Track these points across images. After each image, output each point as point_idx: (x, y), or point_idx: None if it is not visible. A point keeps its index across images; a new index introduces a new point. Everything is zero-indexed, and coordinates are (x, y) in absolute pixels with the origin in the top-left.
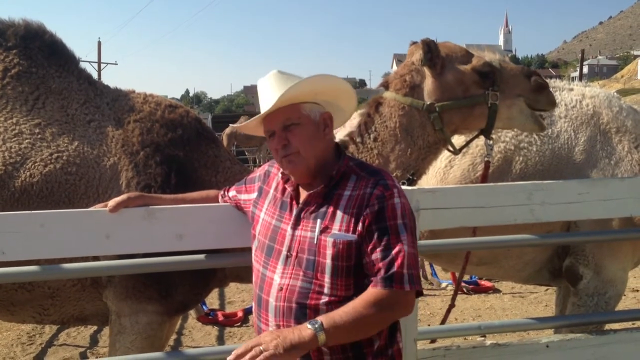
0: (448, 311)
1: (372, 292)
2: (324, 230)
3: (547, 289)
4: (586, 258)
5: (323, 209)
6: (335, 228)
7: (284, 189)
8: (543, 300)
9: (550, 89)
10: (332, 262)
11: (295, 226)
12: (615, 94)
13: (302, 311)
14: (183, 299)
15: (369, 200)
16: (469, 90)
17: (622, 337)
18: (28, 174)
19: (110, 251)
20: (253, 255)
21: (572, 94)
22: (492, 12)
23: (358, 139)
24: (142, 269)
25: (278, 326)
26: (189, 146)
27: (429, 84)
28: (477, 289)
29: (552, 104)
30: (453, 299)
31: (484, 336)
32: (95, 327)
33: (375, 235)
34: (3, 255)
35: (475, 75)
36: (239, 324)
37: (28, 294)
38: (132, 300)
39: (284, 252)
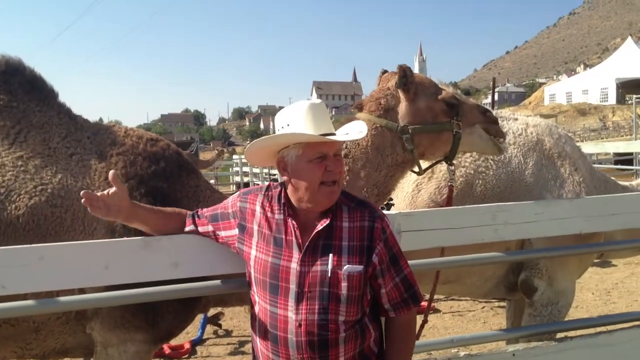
0: (421, 327)
1: (409, 315)
2: (336, 264)
3: (483, 307)
4: (540, 271)
5: (328, 242)
6: (345, 260)
7: (280, 225)
8: (481, 317)
9: (499, 123)
10: (347, 293)
11: (303, 262)
12: (553, 122)
13: (324, 341)
14: (169, 327)
15: (373, 234)
16: (437, 117)
17: (578, 344)
18: (13, 206)
19: (109, 281)
20: (255, 292)
21: (517, 123)
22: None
23: None
24: (141, 298)
25: (302, 359)
26: (172, 178)
27: (402, 107)
28: (420, 310)
29: (501, 135)
30: (425, 315)
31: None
32: None
33: (391, 267)
34: (3, 289)
35: (443, 105)
36: (186, 355)
37: (12, 328)
38: (121, 330)
39: (294, 289)
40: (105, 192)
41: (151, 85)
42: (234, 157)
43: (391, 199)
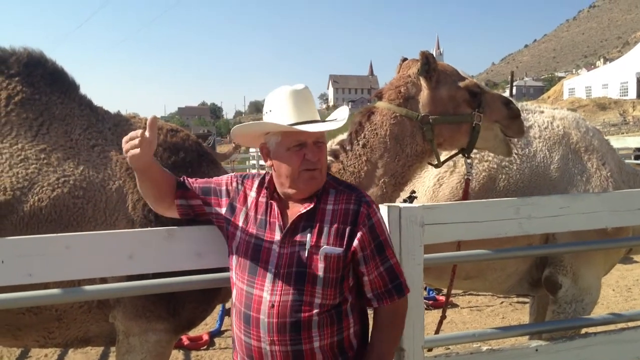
0: (440, 322)
1: (395, 306)
2: (314, 244)
3: (502, 302)
4: (564, 268)
5: (308, 223)
6: (324, 242)
7: (265, 207)
8: (500, 312)
9: (522, 117)
10: (323, 274)
11: (282, 244)
12: (580, 115)
13: (296, 325)
14: (190, 317)
15: (358, 218)
16: (459, 107)
17: (602, 339)
18: (36, 198)
19: (134, 271)
20: (233, 273)
21: (543, 116)
22: (424, 34)
23: (348, 147)
24: (166, 288)
25: (272, 341)
26: (191, 168)
27: (424, 96)
28: (436, 304)
29: (521, 133)
30: (444, 311)
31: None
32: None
33: (376, 255)
34: (30, 277)
35: (466, 94)
36: (205, 347)
37: (35, 317)
38: (142, 320)
39: (272, 270)
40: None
41: (169, 78)
42: (251, 150)
43: (414, 192)
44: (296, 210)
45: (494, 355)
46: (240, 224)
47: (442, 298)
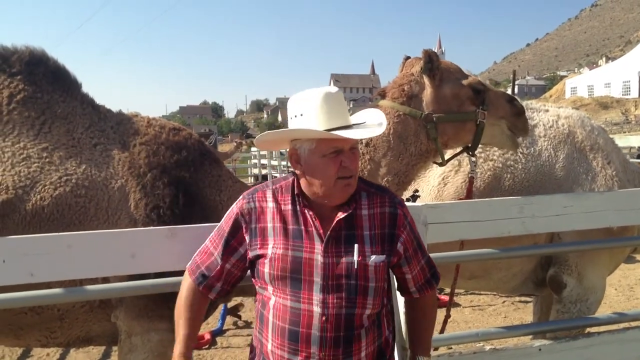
0: (445, 322)
1: (434, 293)
2: (361, 254)
3: (504, 301)
4: (569, 267)
5: (350, 232)
6: (368, 250)
7: (296, 216)
8: (502, 312)
9: (527, 113)
10: (374, 284)
11: (325, 253)
12: (585, 114)
13: (350, 338)
14: None
15: (397, 221)
16: (463, 105)
17: (605, 339)
18: (39, 197)
19: (136, 270)
20: (268, 291)
21: (548, 115)
22: (425, 33)
23: None
24: (167, 288)
25: (324, 356)
26: (194, 167)
27: (427, 94)
28: (439, 304)
29: (526, 131)
30: (448, 310)
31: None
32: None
33: (418, 252)
34: (32, 277)
35: (470, 91)
36: (206, 346)
37: (37, 316)
38: (144, 319)
39: (319, 282)
40: None
41: (170, 77)
42: (252, 149)
43: (417, 191)
44: (332, 216)
45: (497, 354)
46: (271, 241)
47: (443, 297)
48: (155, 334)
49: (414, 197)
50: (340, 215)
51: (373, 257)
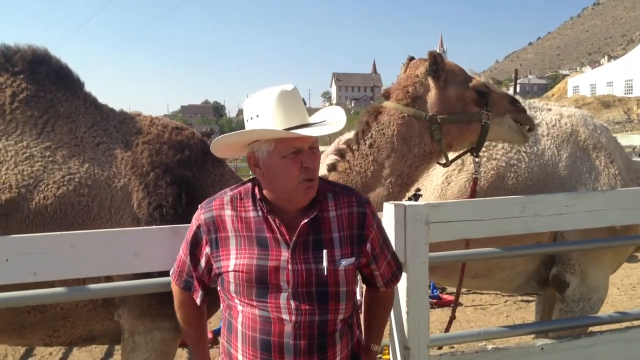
0: (450, 322)
1: (391, 292)
2: (330, 259)
3: (506, 301)
4: (572, 266)
5: (317, 236)
6: (338, 254)
7: (258, 223)
8: (504, 311)
9: (529, 112)
10: (345, 288)
11: (293, 260)
12: (587, 112)
13: (323, 343)
14: None
15: (365, 221)
16: (467, 106)
17: (608, 338)
18: (42, 196)
19: (139, 269)
20: (238, 303)
21: (550, 114)
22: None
23: (355, 146)
24: (170, 286)
25: None
26: (196, 166)
27: (432, 96)
28: (440, 303)
29: (531, 122)
30: (453, 310)
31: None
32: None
33: (384, 248)
34: (35, 276)
35: (474, 93)
36: (209, 345)
37: (40, 315)
38: (147, 318)
39: (288, 290)
40: None
41: (171, 77)
42: None
43: (419, 190)
44: (297, 221)
45: (499, 354)
46: (233, 250)
47: (446, 297)
48: (158, 332)
49: (416, 196)
50: (305, 219)
51: (343, 261)
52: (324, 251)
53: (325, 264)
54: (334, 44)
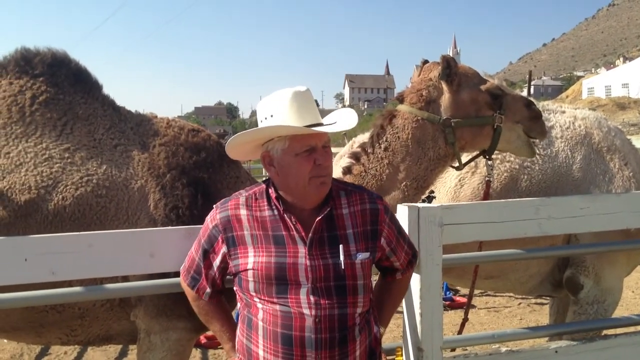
0: (462, 324)
1: (408, 277)
2: (347, 254)
3: (519, 303)
4: (586, 269)
5: (332, 233)
6: (353, 249)
7: (274, 222)
8: (517, 314)
9: (544, 117)
10: (363, 282)
11: (311, 256)
12: (602, 115)
13: (344, 337)
14: None
15: (378, 216)
16: (480, 110)
17: (622, 341)
18: (60, 197)
19: (155, 269)
20: (257, 301)
21: (564, 116)
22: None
23: (369, 149)
24: None
25: (319, 359)
26: (213, 168)
27: (445, 99)
28: (453, 305)
29: (543, 134)
30: (466, 312)
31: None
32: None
33: (400, 239)
34: (53, 276)
35: (488, 96)
36: (221, 345)
37: (58, 315)
38: (163, 318)
39: (307, 285)
40: None
41: (185, 78)
42: None
43: (432, 192)
44: (312, 219)
45: (513, 356)
46: (251, 248)
47: (459, 299)
48: (174, 332)
49: (430, 198)
50: (320, 215)
51: (359, 255)
52: (340, 246)
53: (342, 257)
54: (347, 45)
